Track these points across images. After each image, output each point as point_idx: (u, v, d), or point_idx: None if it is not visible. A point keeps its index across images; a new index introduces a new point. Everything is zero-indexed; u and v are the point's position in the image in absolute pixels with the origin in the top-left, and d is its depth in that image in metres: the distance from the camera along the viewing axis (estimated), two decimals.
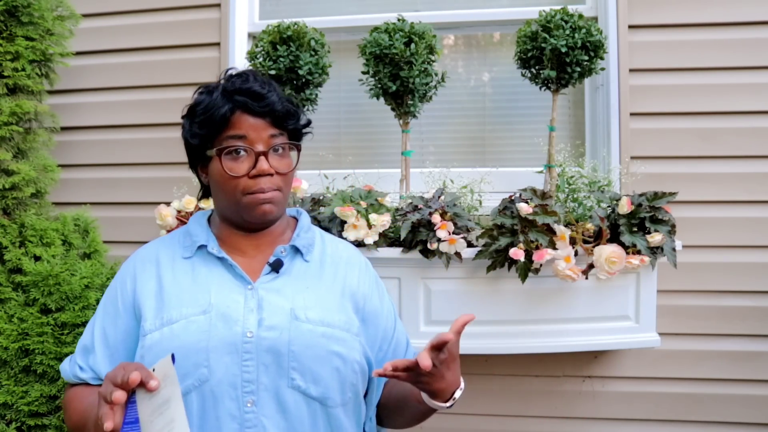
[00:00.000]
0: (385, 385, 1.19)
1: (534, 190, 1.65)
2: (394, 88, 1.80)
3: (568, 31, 1.70)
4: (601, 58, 1.77)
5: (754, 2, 1.90)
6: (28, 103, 1.81)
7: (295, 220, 1.22)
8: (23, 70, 1.81)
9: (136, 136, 2.18)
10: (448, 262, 1.62)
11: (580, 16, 1.74)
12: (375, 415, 1.19)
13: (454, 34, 2.18)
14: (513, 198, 1.64)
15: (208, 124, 1.07)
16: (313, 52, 1.86)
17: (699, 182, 1.91)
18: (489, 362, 1.97)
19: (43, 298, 1.70)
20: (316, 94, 1.90)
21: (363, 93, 1.90)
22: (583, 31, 1.71)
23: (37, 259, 1.75)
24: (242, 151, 1.06)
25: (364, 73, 1.87)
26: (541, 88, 1.83)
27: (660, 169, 1.91)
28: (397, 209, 1.70)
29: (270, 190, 1.07)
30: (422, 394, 1.02)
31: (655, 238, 1.60)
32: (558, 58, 1.73)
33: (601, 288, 1.68)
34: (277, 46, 1.83)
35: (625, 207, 1.61)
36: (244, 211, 1.08)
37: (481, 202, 1.83)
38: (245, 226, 1.12)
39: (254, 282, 1.08)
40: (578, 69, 1.74)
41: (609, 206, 1.69)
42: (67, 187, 2.16)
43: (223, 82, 1.11)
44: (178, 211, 1.81)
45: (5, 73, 1.80)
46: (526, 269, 1.59)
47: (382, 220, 1.66)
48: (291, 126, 1.13)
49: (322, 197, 1.77)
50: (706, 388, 1.92)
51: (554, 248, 1.57)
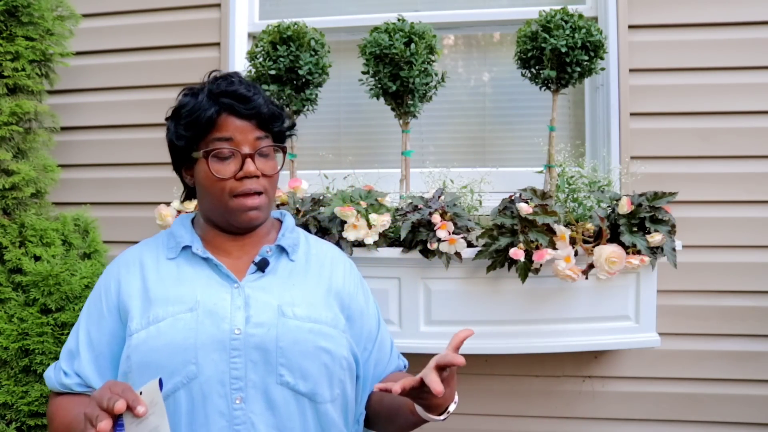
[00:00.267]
0: (373, 392, 1.18)
1: (534, 190, 1.65)
2: (394, 88, 1.80)
3: (568, 31, 1.70)
4: (601, 58, 1.77)
5: (754, 2, 1.90)
6: (28, 103, 1.81)
7: (280, 221, 1.22)
8: (23, 70, 1.81)
9: (136, 136, 2.18)
10: (448, 262, 1.62)
11: (580, 16, 1.74)
12: (363, 418, 1.19)
13: (454, 34, 2.18)
14: (513, 198, 1.64)
15: (194, 125, 1.07)
16: (313, 52, 1.86)
17: (699, 182, 1.91)
18: (489, 362, 1.97)
19: (43, 298, 1.70)
20: (316, 94, 1.90)
21: (363, 93, 1.90)
22: (583, 31, 1.71)
23: (37, 259, 1.75)
24: (229, 153, 1.06)
25: (364, 73, 1.87)
26: (541, 88, 1.83)
27: (660, 169, 1.91)
28: (397, 209, 1.70)
29: (256, 193, 1.08)
30: (416, 407, 1.01)
31: (655, 238, 1.60)
32: (558, 58, 1.73)
33: (601, 288, 1.68)
34: (277, 46, 1.83)
35: (625, 207, 1.60)
36: (231, 215, 1.09)
37: (481, 202, 1.83)
38: (230, 229, 1.12)
39: (240, 281, 1.08)
40: (578, 69, 1.74)
41: (609, 206, 1.69)
42: (67, 187, 2.16)
43: (208, 84, 1.11)
44: (178, 211, 1.81)
45: (5, 73, 1.80)
46: (526, 269, 1.59)
47: (382, 220, 1.66)
48: (276, 128, 1.14)
49: (322, 197, 1.77)
50: (706, 388, 1.92)
51: (554, 248, 1.57)
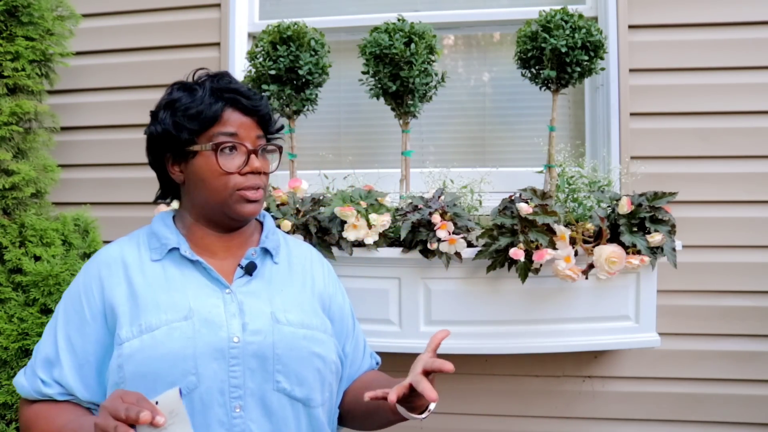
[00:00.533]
0: (349, 388, 1.19)
1: (534, 190, 1.65)
2: (394, 88, 1.80)
3: (568, 31, 1.70)
4: (601, 58, 1.77)
5: (754, 2, 1.90)
6: (28, 103, 1.81)
7: (260, 222, 1.22)
8: (23, 70, 1.81)
9: (136, 136, 2.14)
10: (448, 262, 1.62)
11: (580, 16, 1.74)
12: (337, 416, 1.19)
13: (454, 34, 2.18)
14: (513, 198, 1.64)
15: (197, 118, 1.06)
16: (313, 52, 1.86)
17: (699, 182, 1.91)
18: (489, 362, 1.97)
19: (43, 298, 1.70)
20: (316, 94, 1.90)
21: (363, 93, 1.90)
22: (583, 31, 1.71)
23: (37, 259, 1.75)
24: (235, 148, 1.07)
25: (364, 73, 1.87)
26: (541, 88, 1.83)
27: (660, 169, 1.91)
28: (397, 209, 1.70)
29: (258, 189, 1.09)
30: (399, 407, 1.00)
31: (655, 238, 1.60)
32: (558, 58, 1.73)
33: (601, 288, 1.68)
34: (277, 46, 1.83)
35: (625, 207, 1.60)
36: (231, 209, 1.07)
37: (481, 202, 1.83)
38: (225, 224, 1.11)
39: (231, 286, 1.07)
40: (578, 69, 1.74)
41: (609, 206, 1.69)
42: (67, 187, 2.16)
43: (208, 80, 1.10)
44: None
45: (5, 73, 1.80)
46: (526, 269, 1.59)
47: (382, 220, 1.66)
48: (271, 129, 1.15)
49: (322, 197, 1.77)
50: (706, 388, 1.92)
51: (554, 248, 1.57)
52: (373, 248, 1.66)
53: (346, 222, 1.65)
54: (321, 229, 1.68)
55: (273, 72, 1.82)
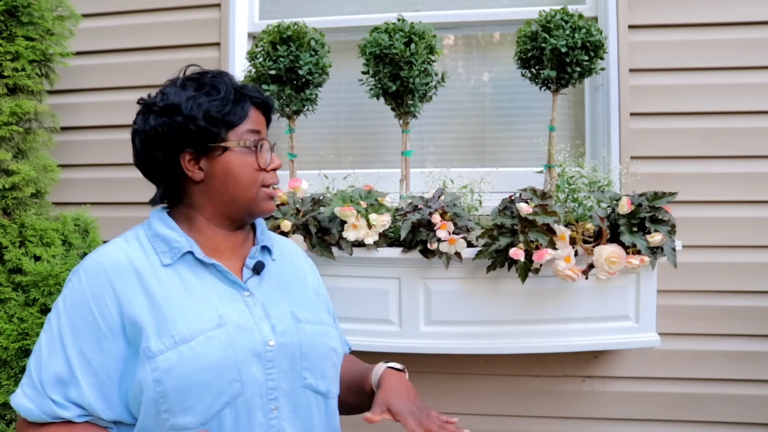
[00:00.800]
0: None
1: (534, 190, 1.65)
2: (394, 88, 1.80)
3: (568, 31, 1.70)
4: (601, 58, 1.77)
5: (754, 2, 1.90)
6: (28, 103, 1.81)
7: None
8: (23, 70, 1.81)
9: None
10: (448, 262, 1.62)
11: (580, 16, 1.74)
12: None
13: (454, 34, 2.18)
14: (513, 198, 1.64)
15: (231, 114, 1.06)
16: (313, 52, 1.86)
17: (699, 182, 1.91)
18: (489, 362, 1.97)
19: (43, 298, 1.70)
20: (316, 94, 1.90)
21: (363, 93, 1.90)
22: (583, 31, 1.71)
23: (37, 259, 1.75)
24: (265, 145, 1.09)
25: (364, 73, 1.87)
26: (541, 88, 1.83)
27: (660, 169, 1.91)
28: (397, 209, 1.70)
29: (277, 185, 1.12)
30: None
31: (655, 238, 1.60)
32: (558, 58, 1.73)
33: (601, 288, 1.68)
34: (277, 46, 1.83)
35: (625, 207, 1.60)
36: (257, 206, 1.08)
37: (481, 202, 1.83)
38: (241, 222, 1.10)
39: (246, 287, 1.07)
40: (578, 69, 1.74)
41: (609, 206, 1.69)
42: (67, 187, 2.16)
43: (226, 78, 1.10)
44: None
45: (5, 73, 1.80)
46: (526, 269, 1.59)
47: (382, 220, 1.66)
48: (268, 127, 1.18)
49: (322, 197, 1.77)
50: (706, 388, 1.92)
51: (554, 248, 1.57)
52: (373, 248, 1.66)
53: (346, 222, 1.65)
54: (321, 229, 1.68)
55: (273, 72, 1.82)
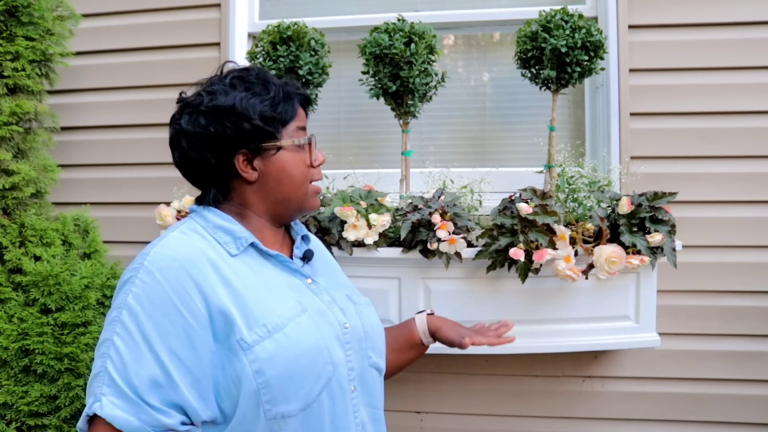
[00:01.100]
0: None
1: (534, 190, 1.65)
2: (394, 88, 1.80)
3: (568, 31, 1.70)
4: (601, 58, 1.77)
5: (754, 2, 1.90)
6: (28, 103, 1.81)
7: None
8: (23, 70, 1.81)
9: (136, 136, 2.18)
10: (448, 262, 1.62)
11: (580, 16, 1.74)
12: None
13: (454, 34, 2.18)
14: (513, 198, 1.64)
15: (286, 113, 1.06)
16: (313, 52, 1.86)
17: (699, 182, 1.91)
18: (489, 362, 1.97)
19: (43, 298, 1.70)
20: (316, 94, 1.90)
21: (363, 93, 1.90)
22: (583, 31, 1.71)
23: (37, 259, 1.75)
24: (313, 141, 1.11)
25: (364, 73, 1.87)
26: (541, 88, 1.83)
27: (660, 169, 1.91)
28: (397, 209, 1.70)
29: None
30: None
31: (655, 238, 1.60)
32: (558, 58, 1.73)
33: (601, 288, 1.68)
34: (277, 46, 1.83)
35: (625, 207, 1.60)
36: (308, 202, 1.10)
37: (481, 202, 1.83)
38: (289, 219, 1.12)
39: (308, 275, 1.10)
40: (578, 69, 1.74)
41: (609, 206, 1.69)
42: (67, 187, 2.16)
43: (261, 74, 1.08)
44: (178, 211, 1.81)
45: (5, 73, 1.80)
46: (526, 269, 1.59)
47: (382, 220, 1.66)
48: None
49: (322, 197, 1.77)
50: (706, 388, 1.92)
51: (554, 248, 1.57)
52: (373, 248, 1.66)
53: (346, 222, 1.65)
54: (321, 229, 1.68)
55: (273, 72, 1.82)
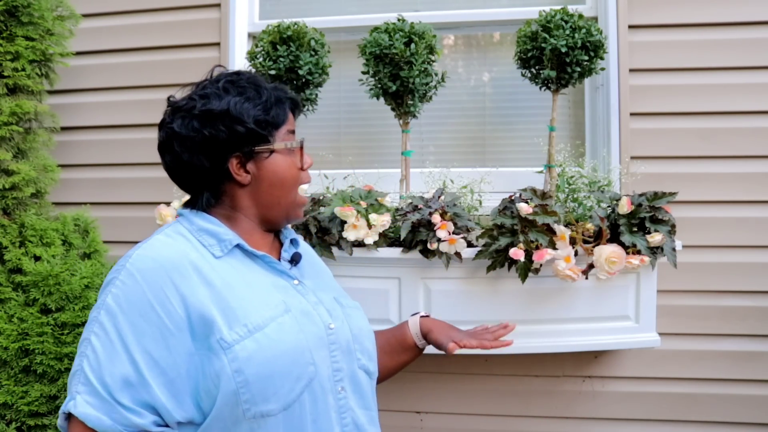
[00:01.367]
0: None
1: (534, 190, 1.65)
2: (394, 88, 1.80)
3: (568, 31, 1.70)
4: (601, 58, 1.77)
5: (754, 2, 1.90)
6: (28, 103, 1.81)
7: None
8: (23, 70, 1.81)
9: (136, 136, 2.18)
10: (448, 262, 1.62)
11: (580, 16, 1.74)
12: None
13: (454, 34, 2.18)
14: (513, 198, 1.64)
15: (278, 116, 1.06)
16: (313, 52, 1.86)
17: (699, 182, 1.91)
18: (489, 362, 1.97)
19: (43, 298, 1.70)
20: (316, 94, 1.90)
21: (363, 93, 1.90)
22: (583, 31, 1.71)
23: (37, 259, 1.75)
24: (303, 144, 1.10)
25: (364, 73, 1.87)
26: (541, 88, 1.83)
27: (660, 169, 1.91)
28: (397, 209, 1.70)
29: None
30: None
31: (655, 238, 1.60)
32: (558, 58, 1.73)
33: (601, 288, 1.68)
34: (277, 46, 1.83)
35: (625, 207, 1.60)
36: (294, 208, 1.10)
37: (481, 202, 1.83)
38: (279, 225, 1.12)
39: (295, 276, 1.10)
40: (578, 69, 1.74)
41: (609, 206, 1.69)
42: (67, 187, 2.16)
43: (254, 78, 1.08)
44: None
45: (5, 73, 1.80)
46: (526, 269, 1.59)
47: (382, 220, 1.66)
48: None
49: (322, 197, 1.77)
50: (706, 388, 1.92)
51: (554, 248, 1.57)
52: (373, 248, 1.66)
53: (346, 222, 1.65)
54: (321, 229, 1.68)
55: (273, 72, 1.82)
